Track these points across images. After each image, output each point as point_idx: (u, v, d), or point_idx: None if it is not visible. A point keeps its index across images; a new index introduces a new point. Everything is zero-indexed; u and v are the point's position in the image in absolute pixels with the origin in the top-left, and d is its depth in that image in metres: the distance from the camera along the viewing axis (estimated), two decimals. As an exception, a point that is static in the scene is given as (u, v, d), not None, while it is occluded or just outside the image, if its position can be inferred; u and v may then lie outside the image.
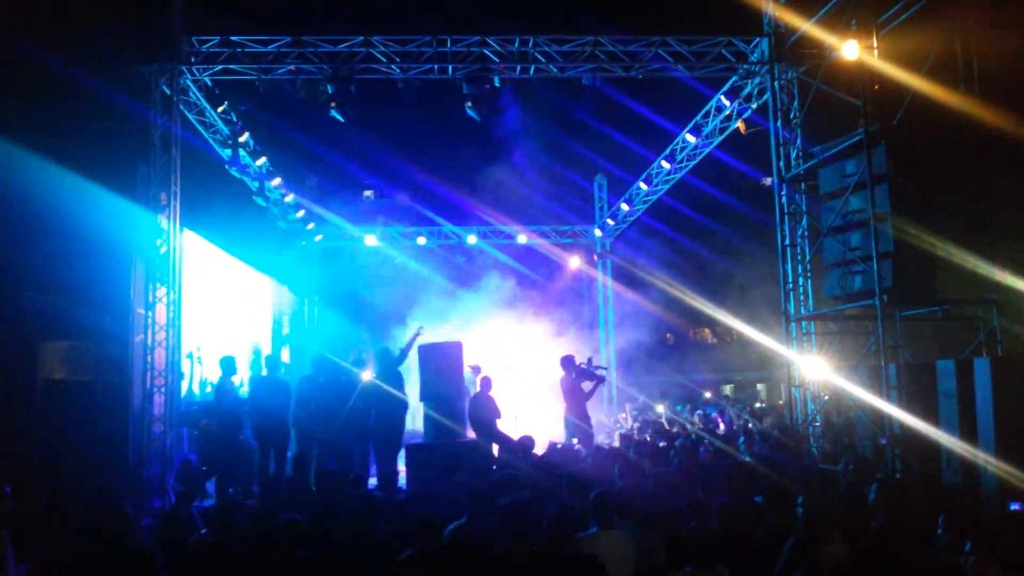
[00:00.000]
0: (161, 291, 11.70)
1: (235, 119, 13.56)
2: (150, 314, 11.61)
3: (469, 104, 12.45)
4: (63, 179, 10.83)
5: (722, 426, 16.59)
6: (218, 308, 15.98)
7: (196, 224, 13.81)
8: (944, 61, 10.47)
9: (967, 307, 11.05)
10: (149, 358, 11.53)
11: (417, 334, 11.99)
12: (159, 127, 11.83)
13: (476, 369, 13.09)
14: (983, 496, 8.38)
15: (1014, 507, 7.58)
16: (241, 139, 13.79)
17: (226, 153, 14.10)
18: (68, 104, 11.69)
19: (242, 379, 13.46)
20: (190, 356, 13.70)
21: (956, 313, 11.21)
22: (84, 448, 10.53)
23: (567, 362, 12.72)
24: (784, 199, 12.39)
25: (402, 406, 11.42)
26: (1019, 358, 9.73)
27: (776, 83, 12.38)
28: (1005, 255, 10.10)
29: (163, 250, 11.81)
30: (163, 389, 11.62)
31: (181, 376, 12.99)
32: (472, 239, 21.20)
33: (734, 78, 13.33)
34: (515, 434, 11.77)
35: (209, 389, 13.65)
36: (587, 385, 12.81)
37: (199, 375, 14.21)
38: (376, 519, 6.70)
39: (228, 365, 11.54)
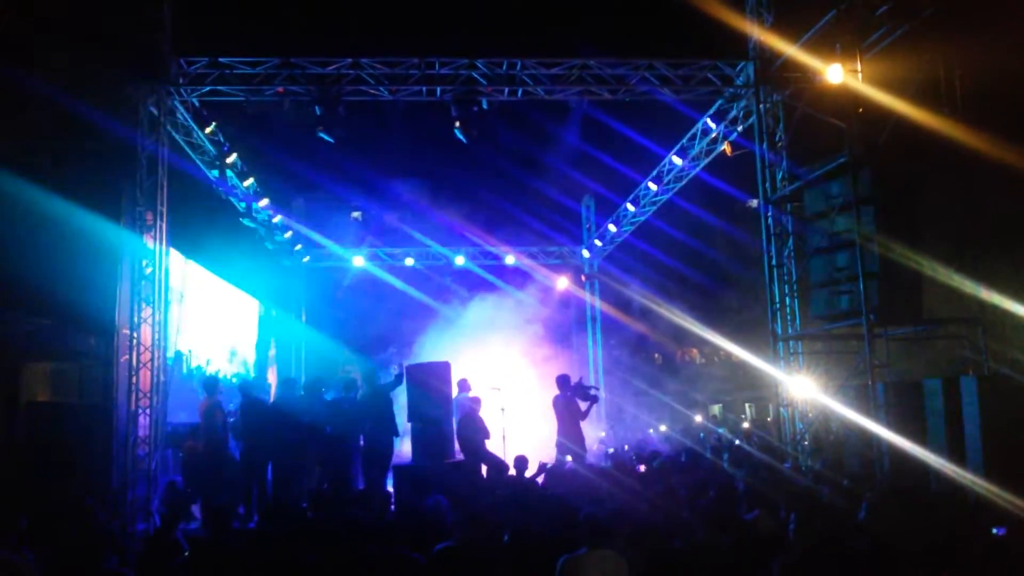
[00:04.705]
0: (147, 311, 11.59)
1: (222, 140, 13.55)
2: (135, 335, 11.50)
3: (457, 126, 12.49)
4: (48, 198, 10.76)
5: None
6: (206, 328, 15.88)
7: (183, 245, 13.74)
8: (927, 85, 10.64)
9: (953, 326, 11.12)
10: (134, 379, 11.38)
11: (401, 372, 11.81)
12: (146, 147, 11.76)
13: (463, 385, 12.90)
14: (970, 516, 8.38)
15: (998, 532, 7.57)
16: (228, 160, 13.77)
17: (213, 174, 14.06)
18: (54, 124, 11.64)
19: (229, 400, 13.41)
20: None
21: (943, 332, 11.29)
22: (68, 470, 10.40)
23: (562, 381, 12.65)
24: (770, 220, 12.48)
25: (391, 427, 11.35)
26: (1005, 377, 9.80)
27: (761, 106, 12.50)
28: (990, 275, 10.19)
29: (149, 270, 11.73)
30: (148, 410, 11.48)
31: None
32: (460, 260, 21.18)
33: (720, 101, 13.44)
34: (504, 455, 11.72)
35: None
36: (583, 405, 12.75)
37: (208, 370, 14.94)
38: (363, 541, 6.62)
39: (212, 386, 11.45)
